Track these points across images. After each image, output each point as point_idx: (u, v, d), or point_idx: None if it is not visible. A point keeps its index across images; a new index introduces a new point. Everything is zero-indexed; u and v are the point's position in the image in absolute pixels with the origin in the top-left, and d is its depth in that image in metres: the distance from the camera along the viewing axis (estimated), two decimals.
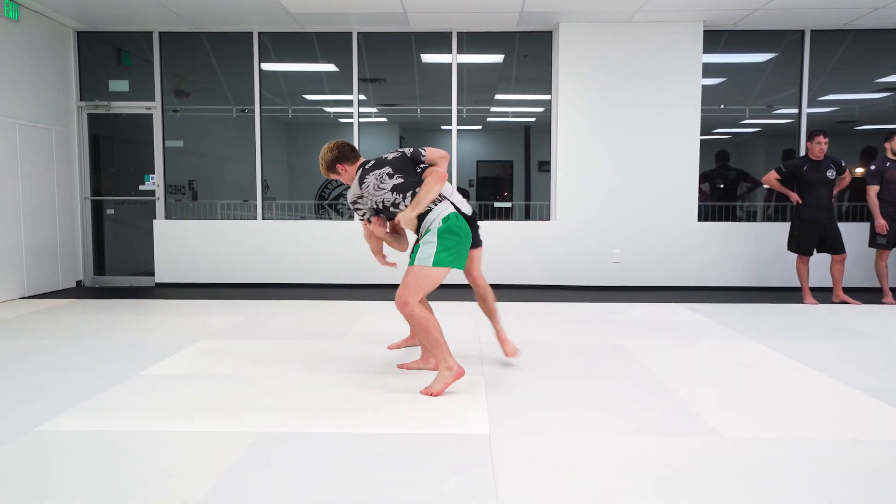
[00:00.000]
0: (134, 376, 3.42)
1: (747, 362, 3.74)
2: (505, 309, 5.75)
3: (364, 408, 2.92)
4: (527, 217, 8.56)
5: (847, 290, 6.10)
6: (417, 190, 3.15)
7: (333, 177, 3.42)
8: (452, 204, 3.27)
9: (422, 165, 3.31)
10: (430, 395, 3.06)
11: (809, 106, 6.82)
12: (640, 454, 2.40)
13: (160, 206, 7.08)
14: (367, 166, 3.27)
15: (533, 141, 12.64)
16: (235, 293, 6.45)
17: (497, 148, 12.52)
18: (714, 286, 6.79)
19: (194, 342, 4.22)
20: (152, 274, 7.07)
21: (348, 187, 3.40)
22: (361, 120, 7.09)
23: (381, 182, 3.20)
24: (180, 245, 6.97)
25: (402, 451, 2.41)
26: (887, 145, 5.88)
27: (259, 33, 6.91)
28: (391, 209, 3.23)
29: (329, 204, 9.44)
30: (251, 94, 7.09)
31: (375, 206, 3.27)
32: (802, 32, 6.71)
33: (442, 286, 3.42)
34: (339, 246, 6.94)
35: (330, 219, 8.12)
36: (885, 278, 6.01)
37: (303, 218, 8.01)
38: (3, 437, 2.55)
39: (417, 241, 3.25)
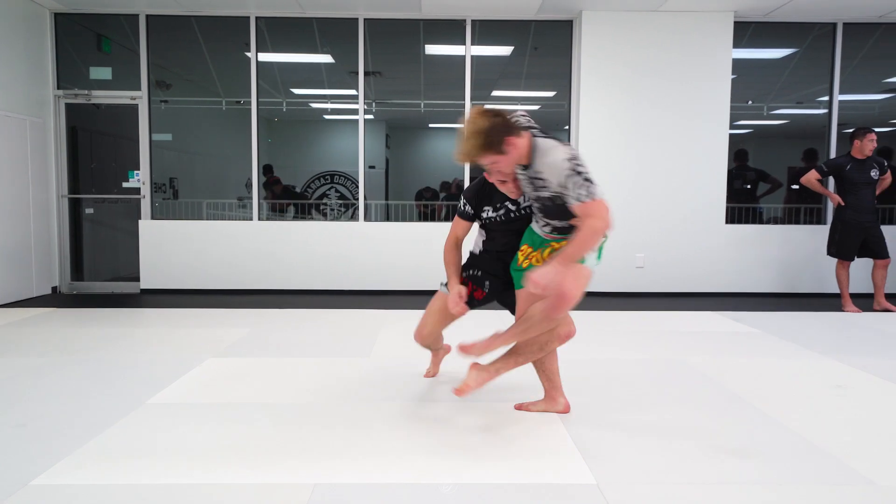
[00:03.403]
0: (138, 407, 2.88)
1: (838, 383, 3.34)
2: None
3: (434, 450, 2.43)
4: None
5: (887, 297, 5.79)
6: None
7: (491, 161, 2.36)
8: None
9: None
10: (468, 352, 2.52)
11: (832, 105, 6.50)
12: None
13: (146, 206, 6.47)
14: (538, 132, 2.41)
15: None
16: (233, 301, 5.89)
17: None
18: (743, 292, 6.42)
19: (200, 361, 3.68)
20: (137, 279, 6.46)
21: (332, 185, 2.88)
22: (351, 117, 6.56)
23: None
24: (169, 247, 6.37)
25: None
26: None
27: (257, 18, 6.35)
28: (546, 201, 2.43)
29: (311, 205, 8.91)
30: (240, 84, 6.52)
31: (544, 202, 2.45)
32: (834, 25, 6.38)
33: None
34: (346, 248, 6.41)
35: (312, 219, 7.60)
36: None
37: (283, 219, 7.48)
38: None
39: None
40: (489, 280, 2.83)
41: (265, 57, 6.64)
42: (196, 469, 2.23)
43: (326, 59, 7.32)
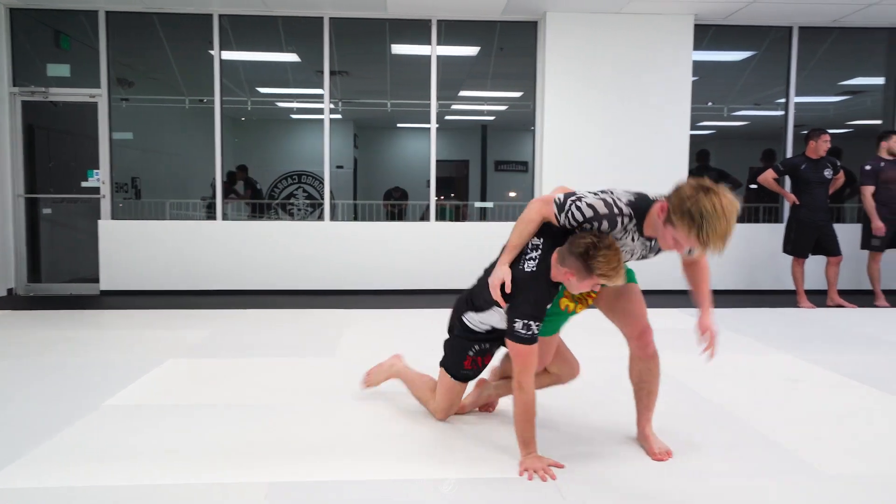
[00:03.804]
0: (96, 409, 2.84)
1: (791, 377, 3.44)
2: None
3: (391, 448, 2.44)
4: (482, 219, 8.20)
5: (839, 293, 5.95)
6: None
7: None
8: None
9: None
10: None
11: (789, 107, 6.68)
12: (744, 499, 2.02)
13: (105, 205, 6.35)
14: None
15: (490, 140, 12.38)
16: (196, 302, 5.81)
17: (452, 147, 12.17)
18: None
19: (161, 362, 3.63)
20: (96, 280, 6.33)
21: (300, 185, 2.80)
22: (317, 117, 6.52)
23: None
24: (129, 248, 6.26)
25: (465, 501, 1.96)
26: (884, 144, 5.76)
27: (220, 15, 6.28)
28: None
29: (279, 204, 8.85)
30: (203, 83, 6.43)
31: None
32: (790, 29, 6.55)
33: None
34: (311, 248, 6.37)
35: (280, 219, 7.56)
36: (877, 281, 5.88)
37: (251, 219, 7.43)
38: None
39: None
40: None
41: (229, 55, 6.57)
42: (151, 470, 2.20)
43: (292, 57, 7.27)
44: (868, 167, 5.77)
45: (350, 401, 2.98)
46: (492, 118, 11.03)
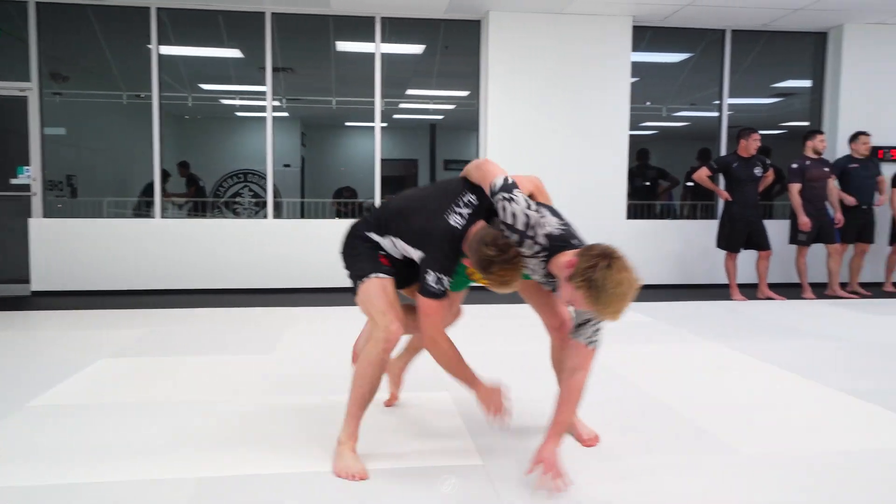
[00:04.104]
0: (19, 409, 2.75)
1: (719, 365, 3.57)
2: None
3: (323, 441, 2.44)
4: None
5: (769, 286, 6.19)
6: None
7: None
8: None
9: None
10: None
11: (722, 108, 6.92)
12: (663, 478, 2.10)
13: (37, 203, 6.13)
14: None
15: (439, 139, 12.42)
16: (133, 301, 5.67)
17: (401, 146, 12.16)
18: (643, 284, 6.72)
19: (92, 362, 3.54)
20: (27, 281, 6.11)
21: (246, 183, 2.73)
22: (262, 114, 6.45)
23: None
24: (63, 247, 6.06)
25: (389, 489, 1.98)
26: (809, 144, 6.02)
27: (158, 9, 6.13)
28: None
29: (225, 203, 8.70)
30: (142, 78, 6.28)
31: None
32: (723, 32, 6.79)
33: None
34: (251, 246, 6.29)
35: (225, 218, 7.44)
36: (804, 274, 6.15)
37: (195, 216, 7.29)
38: None
39: None
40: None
41: (168, 50, 6.42)
42: (75, 469, 2.15)
43: (235, 53, 7.15)
44: (795, 166, 6.02)
45: (281, 397, 2.96)
46: (440, 117, 11.06)
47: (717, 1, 5.92)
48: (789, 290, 6.28)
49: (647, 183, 7.33)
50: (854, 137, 6.20)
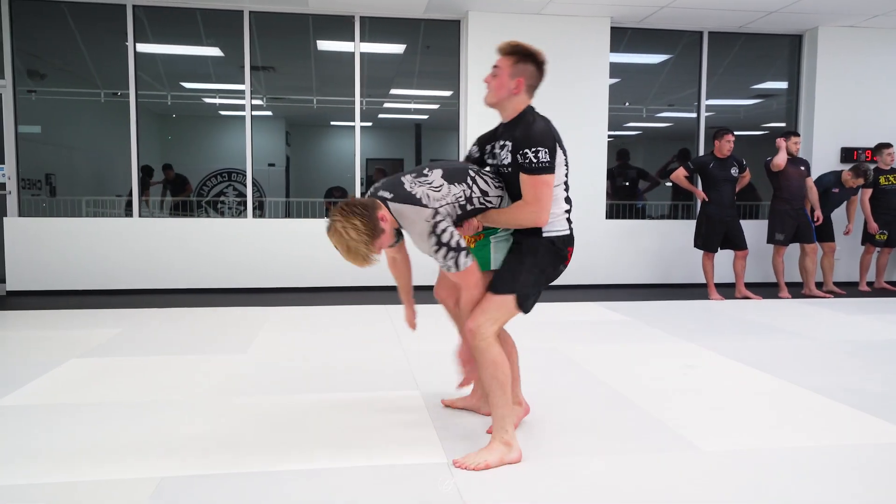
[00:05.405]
0: None
1: (689, 363, 3.61)
2: (424, 312, 5.39)
3: (289, 440, 2.44)
4: None
5: (746, 286, 6.26)
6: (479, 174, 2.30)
7: (380, 246, 2.19)
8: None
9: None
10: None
11: (700, 108, 6.98)
12: (625, 476, 2.12)
13: (12, 202, 6.07)
14: (387, 193, 2.23)
15: (424, 139, 12.42)
16: (109, 301, 5.62)
17: (387, 146, 12.15)
18: (622, 283, 6.78)
19: (62, 362, 3.51)
20: (2, 280, 6.05)
21: (230, 183, 2.75)
22: (243, 113, 6.42)
23: (429, 183, 2.22)
24: (40, 247, 6.00)
25: (348, 488, 1.98)
26: (780, 143, 6.07)
27: (134, 6, 6.09)
28: (468, 206, 2.27)
29: (208, 202, 8.65)
30: (120, 76, 6.23)
31: (453, 216, 2.24)
32: (701, 34, 6.85)
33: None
34: (229, 246, 6.26)
35: (208, 217, 7.39)
36: (781, 274, 6.22)
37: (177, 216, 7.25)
38: None
39: (480, 236, 2.42)
40: None
41: (146, 48, 6.38)
42: (36, 469, 2.13)
43: (215, 52, 7.12)
44: (770, 158, 6.07)
45: (251, 396, 2.96)
46: (425, 117, 11.07)
47: (693, 3, 5.98)
48: (767, 290, 6.35)
49: (627, 183, 7.38)
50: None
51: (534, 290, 2.29)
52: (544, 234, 2.26)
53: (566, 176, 2.33)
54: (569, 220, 2.33)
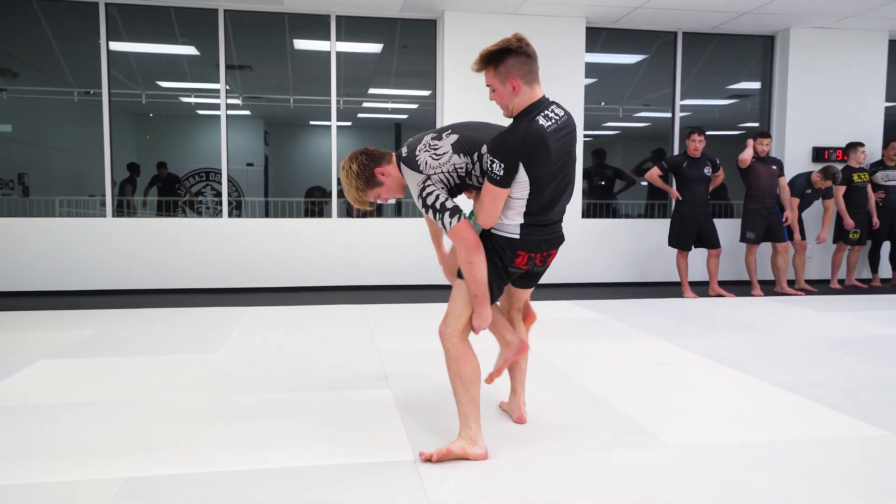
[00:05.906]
0: None
1: (661, 360, 3.65)
2: (389, 312, 5.40)
3: (256, 439, 2.44)
4: (398, 214, 8.24)
5: (720, 284, 6.33)
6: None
7: (375, 195, 2.41)
8: None
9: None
10: (432, 458, 2.19)
11: (675, 108, 7.06)
12: (590, 470, 2.14)
13: None
14: (404, 151, 2.36)
15: (404, 139, 12.43)
16: (82, 302, 5.56)
17: (367, 145, 12.15)
18: (598, 282, 6.82)
19: (31, 363, 3.47)
20: None
21: (208, 182, 2.74)
22: (221, 112, 6.38)
23: (435, 149, 2.29)
24: (12, 247, 5.91)
25: (314, 487, 1.99)
26: (749, 142, 6.15)
27: (107, 4, 6.03)
28: (467, 179, 2.34)
29: (186, 202, 8.58)
30: (93, 74, 6.16)
31: (450, 183, 2.31)
32: (675, 34, 6.92)
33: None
34: (205, 245, 6.22)
35: (186, 217, 7.35)
36: (754, 272, 6.30)
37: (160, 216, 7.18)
38: None
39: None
40: None
41: (120, 46, 6.31)
42: (3, 471, 2.11)
43: (191, 51, 7.06)
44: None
45: (221, 395, 2.95)
46: (405, 117, 11.07)
47: (667, 3, 6.04)
48: (740, 288, 6.43)
49: (604, 182, 7.43)
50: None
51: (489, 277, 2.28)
52: (492, 231, 2.31)
53: (539, 194, 2.25)
54: (526, 228, 2.27)
